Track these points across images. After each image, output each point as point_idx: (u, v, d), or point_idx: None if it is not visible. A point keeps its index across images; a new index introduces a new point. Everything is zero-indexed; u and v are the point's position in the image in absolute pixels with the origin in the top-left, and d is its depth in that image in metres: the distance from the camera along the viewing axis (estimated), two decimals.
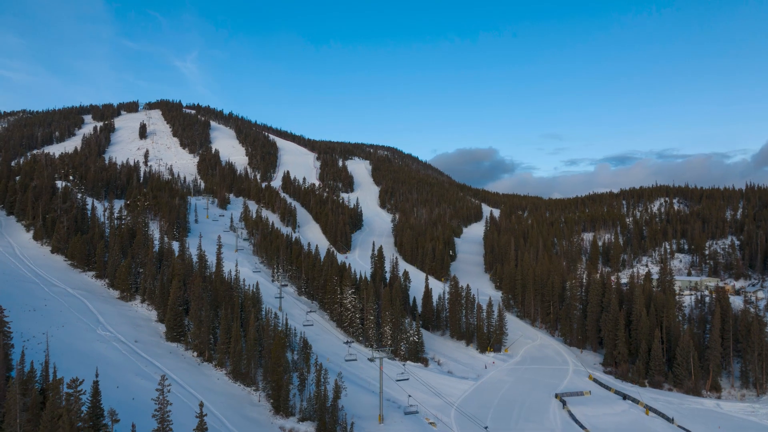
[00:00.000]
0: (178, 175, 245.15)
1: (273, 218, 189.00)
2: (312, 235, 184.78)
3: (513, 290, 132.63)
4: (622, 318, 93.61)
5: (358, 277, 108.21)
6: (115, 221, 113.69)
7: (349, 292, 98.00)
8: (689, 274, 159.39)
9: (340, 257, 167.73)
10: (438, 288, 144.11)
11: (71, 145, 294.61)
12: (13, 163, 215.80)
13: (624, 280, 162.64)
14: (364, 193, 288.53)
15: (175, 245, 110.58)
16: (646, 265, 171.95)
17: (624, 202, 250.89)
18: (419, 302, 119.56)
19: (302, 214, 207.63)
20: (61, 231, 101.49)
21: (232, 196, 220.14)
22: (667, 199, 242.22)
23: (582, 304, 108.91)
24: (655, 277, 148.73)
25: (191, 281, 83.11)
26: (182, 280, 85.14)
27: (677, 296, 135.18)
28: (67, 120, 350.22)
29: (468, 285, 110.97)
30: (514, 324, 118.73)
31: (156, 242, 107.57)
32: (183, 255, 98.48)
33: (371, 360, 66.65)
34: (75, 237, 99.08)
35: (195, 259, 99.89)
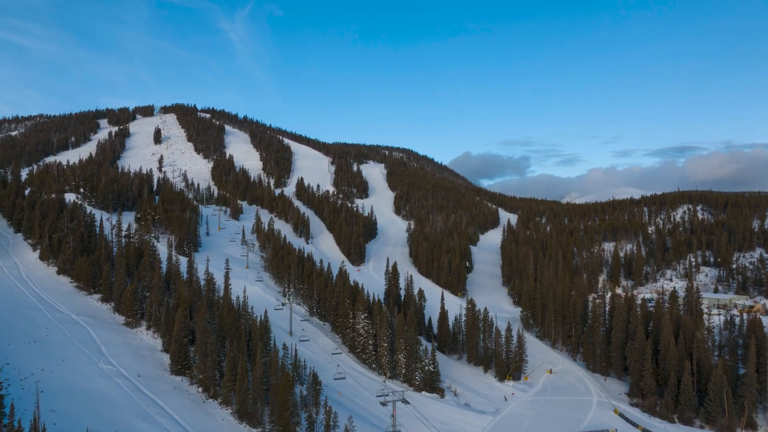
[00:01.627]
0: (192, 182, 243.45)
1: (286, 229, 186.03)
2: (325, 246, 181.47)
3: (532, 308, 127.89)
4: (649, 347, 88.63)
5: (371, 299, 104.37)
6: (123, 239, 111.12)
7: (362, 317, 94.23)
8: (716, 291, 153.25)
9: (354, 270, 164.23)
10: (454, 305, 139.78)
11: (86, 150, 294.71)
12: (27, 171, 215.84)
13: (647, 295, 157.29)
14: (379, 199, 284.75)
15: (184, 262, 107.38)
16: (671, 279, 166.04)
17: (645, 209, 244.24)
18: (435, 322, 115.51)
19: (316, 223, 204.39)
20: (67, 252, 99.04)
21: (245, 204, 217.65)
22: (690, 206, 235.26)
23: (605, 327, 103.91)
24: (681, 293, 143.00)
25: (197, 309, 79.93)
26: (188, 308, 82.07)
27: (705, 314, 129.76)
28: (82, 125, 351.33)
29: (486, 308, 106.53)
30: (533, 346, 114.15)
31: (164, 263, 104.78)
32: (191, 279, 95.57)
33: (383, 404, 62.62)
34: (81, 258, 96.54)
35: (203, 280, 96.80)
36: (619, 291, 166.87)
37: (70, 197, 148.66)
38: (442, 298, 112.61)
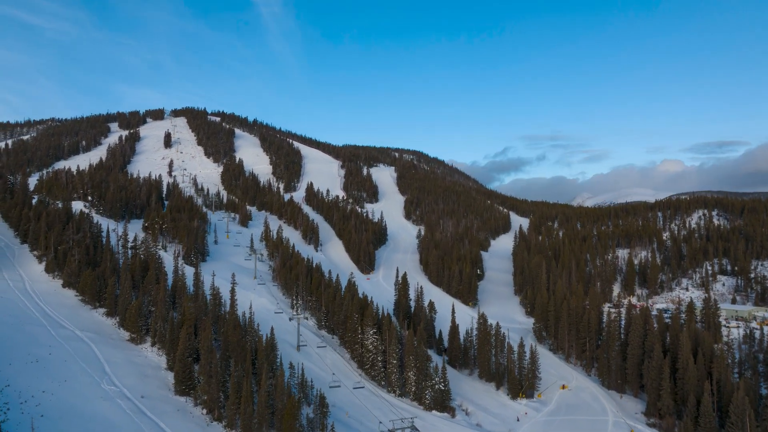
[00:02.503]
0: (201, 187, 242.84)
1: (295, 236, 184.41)
2: (335, 253, 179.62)
3: (545, 320, 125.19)
4: (666, 366, 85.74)
5: (380, 312, 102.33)
6: (129, 251, 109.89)
7: (371, 332, 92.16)
8: (734, 301, 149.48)
9: (363, 278, 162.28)
10: (465, 315, 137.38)
11: (97, 155, 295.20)
12: (37, 177, 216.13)
13: (663, 305, 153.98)
14: (389, 203, 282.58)
15: (191, 273, 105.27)
16: (687, 289, 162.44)
17: (660, 213, 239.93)
18: (446, 334, 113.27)
19: (325, 229, 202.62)
20: (72, 265, 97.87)
21: (254, 209, 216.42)
22: (705, 211, 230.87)
23: (621, 342, 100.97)
24: (699, 304, 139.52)
25: (202, 327, 78.28)
26: (193, 325, 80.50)
27: (724, 326, 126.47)
28: (93, 129, 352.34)
29: (498, 323, 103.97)
30: (546, 360, 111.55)
31: (170, 275, 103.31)
32: (197, 293, 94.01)
33: None
34: (86, 272, 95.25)
35: (209, 294, 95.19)
36: (633, 300, 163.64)
37: (77, 206, 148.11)
38: (453, 312, 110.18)
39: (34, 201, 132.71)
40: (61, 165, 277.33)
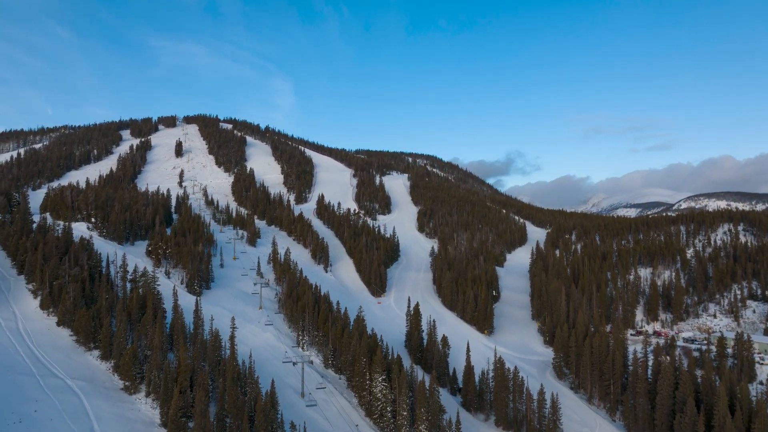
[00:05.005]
0: (212, 199, 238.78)
1: (304, 255, 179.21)
2: (345, 274, 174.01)
3: (566, 352, 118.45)
4: (701, 423, 78.86)
5: (390, 353, 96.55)
6: (128, 283, 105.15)
7: (380, 379, 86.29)
8: (766, 332, 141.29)
9: (374, 302, 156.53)
10: (481, 346, 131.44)
11: (107, 165, 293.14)
12: (46, 188, 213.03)
13: (689, 334, 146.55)
14: (402, 215, 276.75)
15: (192, 304, 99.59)
16: (714, 315, 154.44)
17: (682, 227, 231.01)
18: (460, 371, 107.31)
19: (335, 246, 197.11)
20: (67, 302, 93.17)
21: (263, 225, 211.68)
22: (731, 226, 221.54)
23: (648, 384, 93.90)
24: (730, 335, 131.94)
25: (198, 382, 73.04)
26: (189, 377, 75.29)
27: (757, 363, 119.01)
28: (105, 137, 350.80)
29: (516, 368, 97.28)
30: (567, 401, 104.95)
31: (169, 311, 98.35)
32: (196, 334, 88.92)
33: None
34: (80, 311, 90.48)
35: (207, 332, 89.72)
36: (657, 326, 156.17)
37: (80, 228, 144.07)
38: (468, 351, 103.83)
39: (35, 222, 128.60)
40: (71, 175, 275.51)
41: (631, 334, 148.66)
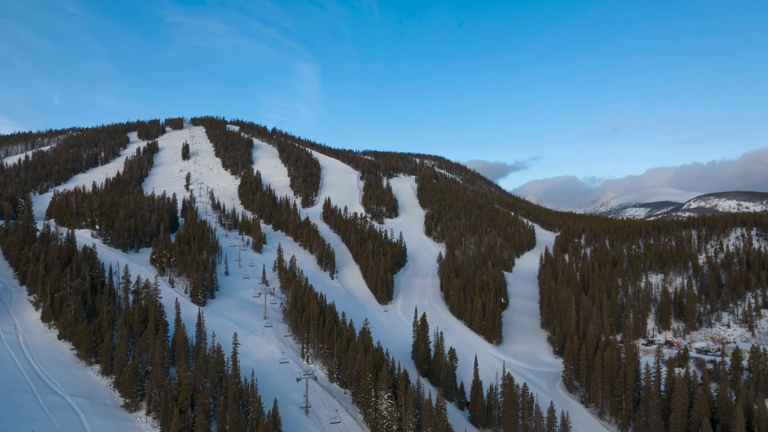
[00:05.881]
0: (218, 203, 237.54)
1: (310, 261, 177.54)
2: (351, 281, 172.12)
3: (576, 364, 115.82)
4: None
5: (396, 368, 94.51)
6: (131, 295, 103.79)
7: (386, 396, 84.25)
8: None
9: (380, 310, 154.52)
10: (489, 356, 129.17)
11: (114, 168, 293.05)
12: (53, 192, 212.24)
13: (702, 344, 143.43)
14: (409, 218, 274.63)
15: (195, 315, 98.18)
16: (728, 325, 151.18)
17: (694, 232, 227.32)
18: (468, 384, 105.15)
19: (342, 251, 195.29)
20: (68, 315, 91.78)
21: (269, 229, 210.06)
22: (744, 231, 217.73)
23: (662, 401, 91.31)
24: (745, 346, 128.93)
25: (199, 401, 71.36)
26: (190, 396, 73.59)
27: None
28: (112, 139, 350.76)
29: (525, 384, 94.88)
30: (577, 415, 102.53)
31: (171, 324, 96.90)
32: (198, 348, 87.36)
33: None
34: (81, 324, 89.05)
35: (209, 346, 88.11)
36: (669, 335, 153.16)
37: (84, 235, 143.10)
38: (476, 364, 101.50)
39: (38, 230, 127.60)
40: (78, 179, 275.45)
41: (643, 344, 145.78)
